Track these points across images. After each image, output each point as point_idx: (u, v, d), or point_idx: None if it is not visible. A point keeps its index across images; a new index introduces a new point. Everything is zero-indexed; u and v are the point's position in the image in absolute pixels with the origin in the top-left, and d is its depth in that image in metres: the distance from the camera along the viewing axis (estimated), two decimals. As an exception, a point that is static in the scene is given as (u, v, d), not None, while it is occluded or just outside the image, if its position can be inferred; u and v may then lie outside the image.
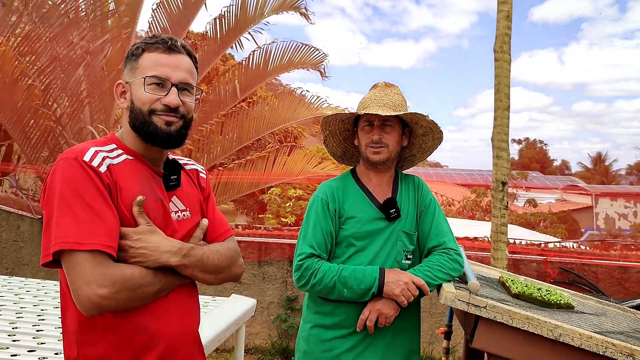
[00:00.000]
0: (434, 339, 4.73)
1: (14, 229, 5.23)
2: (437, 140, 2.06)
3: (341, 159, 2.22)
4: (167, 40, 1.36)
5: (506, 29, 3.41)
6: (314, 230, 1.93)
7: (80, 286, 1.14)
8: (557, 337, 1.56)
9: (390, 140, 1.96)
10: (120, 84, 1.39)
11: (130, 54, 1.38)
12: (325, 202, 1.96)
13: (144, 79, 1.32)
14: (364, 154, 1.99)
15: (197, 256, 1.33)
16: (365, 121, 1.98)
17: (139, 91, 1.33)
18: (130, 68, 1.37)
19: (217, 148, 7.47)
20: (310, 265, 1.87)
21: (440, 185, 23.50)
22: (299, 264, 1.89)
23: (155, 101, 1.32)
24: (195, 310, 1.45)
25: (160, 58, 1.34)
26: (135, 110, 1.33)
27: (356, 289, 1.81)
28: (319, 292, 1.88)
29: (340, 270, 1.84)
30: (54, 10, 6.35)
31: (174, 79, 1.34)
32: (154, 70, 1.33)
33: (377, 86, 2.07)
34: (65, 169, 1.21)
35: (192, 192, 1.48)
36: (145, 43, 1.37)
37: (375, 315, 1.83)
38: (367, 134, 1.97)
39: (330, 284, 1.83)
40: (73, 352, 1.25)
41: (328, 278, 1.83)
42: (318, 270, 1.85)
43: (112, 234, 1.20)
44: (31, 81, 6.08)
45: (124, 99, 1.37)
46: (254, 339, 4.91)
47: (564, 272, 4.61)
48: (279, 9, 7.57)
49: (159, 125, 1.32)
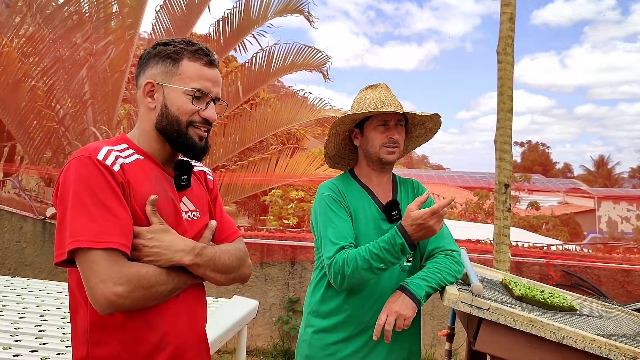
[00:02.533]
0: (436, 341, 4.72)
1: (16, 230, 5.24)
2: (423, 142, 2.12)
3: (332, 160, 2.18)
4: (208, 53, 1.38)
5: (509, 31, 3.41)
6: (334, 226, 1.87)
7: (96, 284, 1.14)
8: (561, 340, 1.56)
9: (401, 140, 1.98)
10: (150, 83, 1.35)
11: (165, 55, 1.35)
12: (336, 197, 1.93)
13: (193, 92, 1.34)
14: (377, 154, 1.95)
15: (209, 255, 1.34)
16: (380, 121, 1.95)
17: (179, 99, 1.34)
18: (165, 71, 1.35)
19: (220, 150, 7.49)
20: (339, 258, 1.77)
21: (443, 188, 23.49)
22: (329, 264, 1.80)
23: (195, 113, 1.35)
24: (203, 311, 1.45)
25: (204, 71, 1.36)
26: (170, 116, 1.34)
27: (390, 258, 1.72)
28: (358, 278, 1.76)
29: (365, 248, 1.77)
30: (58, 12, 6.38)
31: (213, 94, 1.38)
32: (199, 83, 1.35)
33: (380, 86, 2.05)
34: (79, 167, 1.21)
35: (201, 193, 1.49)
36: (184, 49, 1.36)
37: (394, 317, 1.71)
38: (382, 133, 1.94)
39: (365, 266, 1.73)
40: (82, 352, 1.25)
41: (361, 262, 1.73)
42: (347, 258, 1.76)
43: (127, 233, 1.20)
44: (34, 82, 6.11)
45: (152, 99, 1.36)
46: (255, 340, 4.91)
47: (566, 275, 4.60)
48: (282, 12, 7.59)
49: (194, 138, 1.36)
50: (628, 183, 41.28)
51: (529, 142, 56.86)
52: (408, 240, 1.70)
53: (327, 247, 1.84)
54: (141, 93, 1.36)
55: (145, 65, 1.38)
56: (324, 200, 1.94)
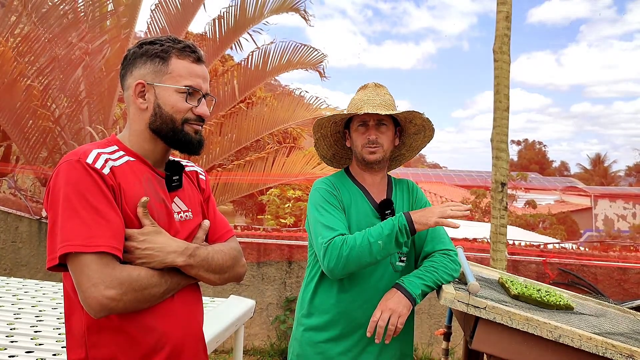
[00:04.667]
0: (433, 340, 4.72)
1: (12, 230, 5.22)
2: (427, 138, 2.07)
3: (331, 161, 2.21)
4: (195, 49, 1.39)
5: (505, 30, 3.41)
6: (328, 215, 1.86)
7: (87, 288, 1.14)
8: (557, 338, 1.56)
9: (385, 140, 1.96)
10: (140, 84, 1.34)
11: (153, 54, 1.35)
12: (329, 191, 1.94)
13: (186, 89, 1.34)
14: (360, 154, 1.98)
15: (202, 256, 1.34)
16: (359, 122, 1.97)
17: (171, 97, 1.34)
18: (155, 70, 1.34)
19: (216, 149, 7.47)
20: (337, 241, 1.75)
21: (439, 187, 23.52)
22: (325, 246, 1.76)
23: (188, 110, 1.36)
24: (199, 311, 1.45)
25: (193, 68, 1.37)
26: (163, 116, 1.34)
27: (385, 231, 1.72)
28: (355, 260, 1.73)
29: (364, 231, 1.77)
30: (53, 11, 6.35)
31: (204, 90, 1.39)
32: (190, 80, 1.35)
33: (367, 87, 2.06)
34: (68, 171, 1.21)
35: (193, 193, 1.48)
36: (172, 47, 1.35)
37: (388, 314, 1.71)
38: (362, 134, 1.96)
39: (364, 244, 1.72)
40: (80, 354, 1.25)
41: (359, 240, 1.73)
42: (346, 241, 1.74)
43: (118, 236, 1.20)
44: (30, 82, 6.08)
45: (143, 100, 1.35)
46: (252, 340, 4.91)
47: (563, 273, 4.61)
48: (279, 10, 7.57)
49: (191, 134, 1.37)
50: (624, 181, 41.38)
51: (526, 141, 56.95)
52: (409, 218, 1.74)
53: (323, 233, 1.81)
54: (131, 94, 1.35)
55: (131, 65, 1.37)
56: (319, 194, 1.95)
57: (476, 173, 31.24)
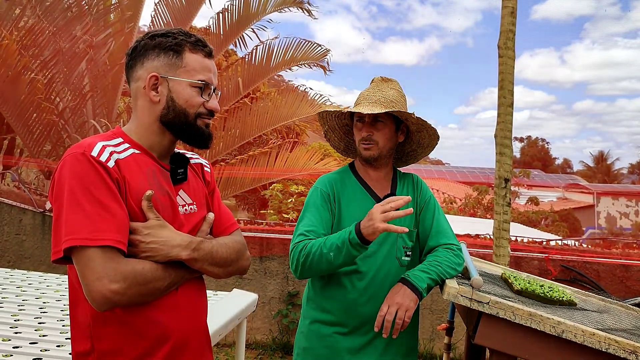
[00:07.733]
0: (435, 336, 4.73)
1: (16, 223, 5.24)
2: (433, 137, 2.03)
3: (345, 152, 2.22)
4: (206, 44, 1.39)
5: (510, 25, 3.40)
6: (308, 218, 1.89)
7: (92, 282, 1.14)
8: (560, 334, 1.56)
9: (381, 137, 1.94)
10: (154, 76, 1.33)
11: (167, 47, 1.34)
12: (325, 193, 1.94)
13: (201, 84, 1.35)
14: (357, 149, 1.99)
15: (206, 250, 1.33)
16: (357, 117, 1.98)
17: (185, 91, 1.34)
18: (169, 63, 1.34)
19: (220, 144, 7.48)
20: (299, 247, 1.79)
21: (442, 183, 23.51)
22: (291, 249, 1.84)
23: (201, 105, 1.36)
24: (203, 304, 1.45)
25: (205, 62, 1.38)
26: (176, 109, 1.34)
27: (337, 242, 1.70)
28: (310, 267, 1.77)
29: (325, 238, 1.77)
30: (58, 4, 6.36)
31: (215, 85, 1.40)
32: (203, 75, 1.36)
33: (373, 81, 2.06)
34: (73, 164, 1.20)
35: (198, 186, 1.48)
36: (185, 40, 1.35)
37: (395, 308, 1.71)
38: (359, 130, 1.97)
39: (317, 253, 1.73)
40: (86, 346, 1.25)
41: (315, 248, 1.74)
42: (306, 246, 1.78)
43: (122, 229, 1.19)
44: (34, 75, 6.09)
45: (156, 93, 1.34)
46: (255, 334, 4.92)
47: (565, 270, 4.61)
48: (282, 5, 7.56)
49: (202, 128, 1.38)
50: (627, 179, 41.24)
51: (529, 138, 56.89)
52: (357, 229, 1.66)
53: (295, 235, 1.88)
54: (144, 85, 1.34)
55: (142, 56, 1.35)
56: (311, 194, 1.99)
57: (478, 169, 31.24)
